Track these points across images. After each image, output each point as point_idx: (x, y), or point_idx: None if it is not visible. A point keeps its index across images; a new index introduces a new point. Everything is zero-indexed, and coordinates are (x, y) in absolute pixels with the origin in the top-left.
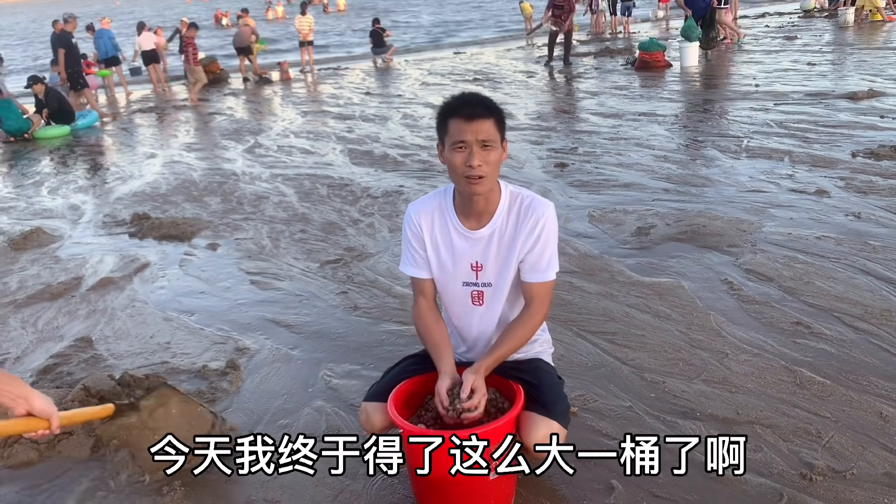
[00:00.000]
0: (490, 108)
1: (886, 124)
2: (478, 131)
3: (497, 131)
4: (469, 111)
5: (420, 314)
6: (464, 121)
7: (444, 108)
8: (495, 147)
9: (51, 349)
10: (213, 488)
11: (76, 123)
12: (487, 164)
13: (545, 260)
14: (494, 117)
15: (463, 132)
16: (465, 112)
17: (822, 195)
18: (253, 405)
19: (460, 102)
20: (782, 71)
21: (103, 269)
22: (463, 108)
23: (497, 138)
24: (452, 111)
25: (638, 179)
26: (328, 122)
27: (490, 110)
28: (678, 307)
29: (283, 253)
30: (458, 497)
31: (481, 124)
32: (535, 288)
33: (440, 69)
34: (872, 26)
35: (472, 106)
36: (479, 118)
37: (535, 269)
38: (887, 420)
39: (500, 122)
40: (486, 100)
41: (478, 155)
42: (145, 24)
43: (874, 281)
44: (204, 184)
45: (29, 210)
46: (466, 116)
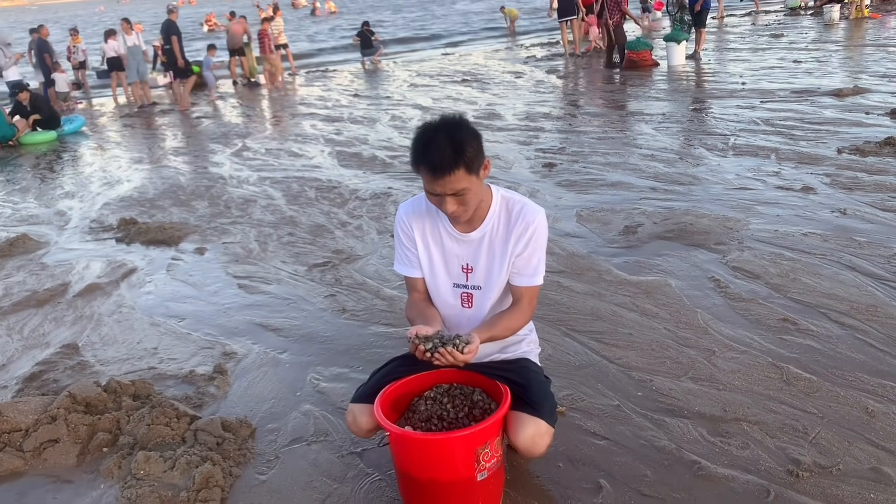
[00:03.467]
0: (456, 157)
1: (871, 121)
2: (446, 185)
3: (469, 174)
4: (435, 169)
5: (413, 303)
6: (431, 175)
7: (413, 150)
8: (471, 189)
9: (36, 356)
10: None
11: (62, 129)
12: (463, 205)
13: (533, 265)
14: (464, 166)
15: (432, 185)
16: (431, 168)
17: (809, 192)
18: (240, 410)
19: (425, 156)
20: (769, 69)
21: (90, 274)
22: (429, 163)
23: (470, 181)
24: (419, 161)
25: (625, 178)
26: (316, 124)
27: (456, 161)
28: (665, 305)
29: (270, 256)
30: (445, 499)
31: (449, 180)
32: (521, 291)
33: (428, 70)
34: (857, 24)
35: (438, 162)
36: (445, 175)
37: (522, 274)
38: (873, 415)
39: (472, 163)
40: (451, 150)
41: (450, 203)
42: (115, 31)
43: (860, 277)
44: (191, 188)
45: (15, 216)
46: (432, 171)
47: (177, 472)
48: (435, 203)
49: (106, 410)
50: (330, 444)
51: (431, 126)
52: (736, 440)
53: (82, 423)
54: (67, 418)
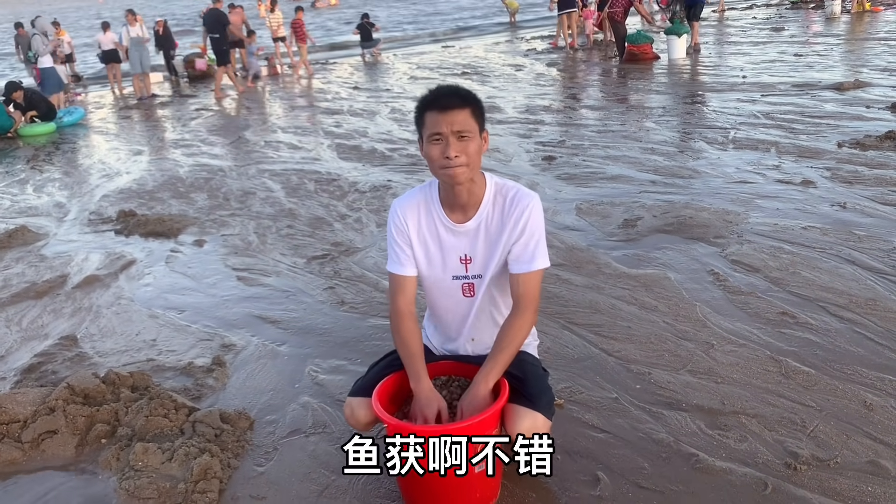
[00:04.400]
0: (465, 98)
1: (872, 114)
2: (453, 122)
3: (474, 121)
4: (443, 103)
5: (400, 317)
6: (438, 112)
7: (421, 101)
8: (473, 137)
9: (35, 348)
10: None
11: (62, 120)
12: (465, 154)
13: (530, 251)
14: (470, 107)
15: (438, 124)
16: (440, 104)
17: (809, 186)
18: (239, 401)
19: (435, 95)
20: (769, 62)
21: (89, 266)
22: (437, 100)
23: (474, 128)
24: (428, 104)
25: (625, 172)
26: (316, 116)
27: (465, 100)
28: (664, 298)
29: (269, 249)
30: (443, 491)
31: (456, 115)
32: (522, 280)
33: (428, 63)
34: (858, 17)
35: (447, 97)
36: (453, 109)
37: (519, 260)
38: (871, 409)
39: (478, 112)
40: (461, 90)
41: (454, 146)
42: (109, 24)
43: (859, 270)
44: (190, 180)
45: (14, 208)
46: (441, 108)
47: (175, 463)
48: (437, 154)
49: (104, 402)
50: (328, 436)
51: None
52: (734, 433)
53: (81, 415)
54: (66, 409)
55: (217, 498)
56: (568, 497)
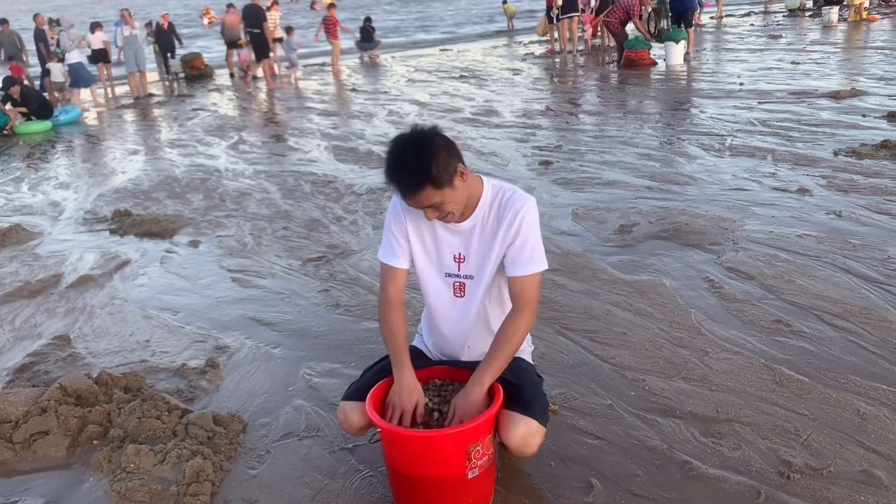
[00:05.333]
0: (421, 177)
1: (868, 123)
2: (419, 202)
3: (439, 189)
4: (402, 190)
5: (388, 306)
6: (402, 196)
7: (384, 171)
8: (445, 200)
9: (28, 347)
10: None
11: (58, 118)
12: (442, 212)
13: (526, 253)
14: (430, 184)
15: (407, 202)
16: (400, 191)
17: (804, 194)
18: (232, 404)
19: (393, 178)
20: (766, 69)
21: (83, 266)
22: (396, 185)
23: (443, 195)
24: (389, 181)
25: (621, 177)
26: (313, 118)
27: (421, 181)
28: (659, 305)
29: (265, 250)
30: (436, 496)
31: (419, 198)
32: (520, 283)
33: (426, 66)
34: (856, 26)
35: (405, 184)
36: (413, 195)
37: (516, 263)
38: (865, 418)
39: (439, 179)
40: (416, 170)
41: (430, 213)
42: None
43: (854, 279)
44: (186, 180)
45: (8, 206)
46: (403, 195)
47: (167, 465)
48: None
49: (97, 403)
50: (321, 440)
51: (399, 143)
52: (728, 441)
53: (73, 416)
54: (58, 410)
55: (209, 501)
56: (561, 503)
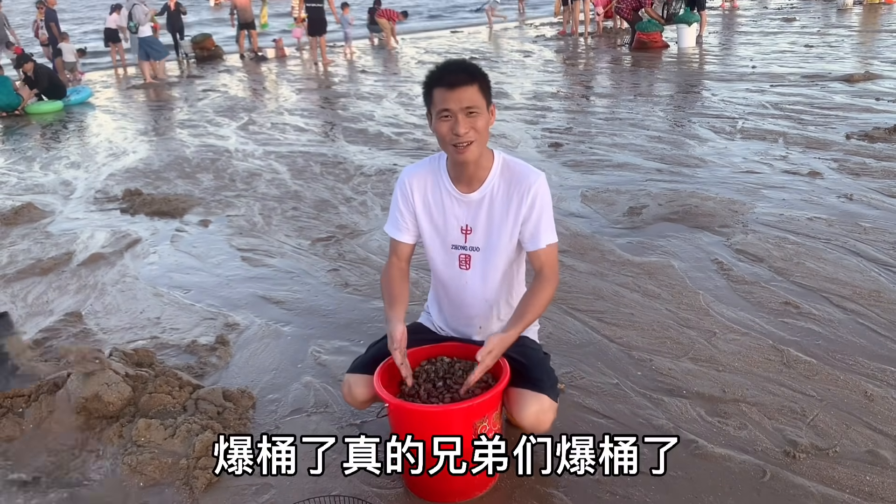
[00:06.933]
0: (473, 73)
1: (881, 107)
2: (461, 99)
3: (482, 97)
4: (451, 79)
5: (391, 267)
6: (447, 89)
7: (429, 77)
8: (481, 113)
9: (41, 323)
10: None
11: (69, 99)
12: (474, 130)
13: (543, 227)
14: (478, 83)
15: (447, 101)
16: (448, 81)
17: (815, 177)
18: (241, 380)
19: (443, 71)
20: (779, 53)
21: (94, 244)
22: (445, 77)
23: (482, 104)
24: (436, 81)
25: (631, 160)
26: (323, 99)
27: (473, 76)
28: (667, 286)
29: (274, 230)
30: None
31: (464, 92)
32: (542, 255)
33: (437, 48)
34: (871, 9)
35: (454, 74)
36: (461, 86)
37: (535, 237)
38: (872, 399)
39: (485, 88)
40: (468, 66)
41: (463, 123)
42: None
43: (864, 262)
44: (197, 160)
45: (20, 185)
46: (448, 85)
47: (177, 439)
48: (446, 130)
49: None
50: (330, 416)
51: (448, 60)
52: (734, 421)
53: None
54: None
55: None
56: (567, 479)
